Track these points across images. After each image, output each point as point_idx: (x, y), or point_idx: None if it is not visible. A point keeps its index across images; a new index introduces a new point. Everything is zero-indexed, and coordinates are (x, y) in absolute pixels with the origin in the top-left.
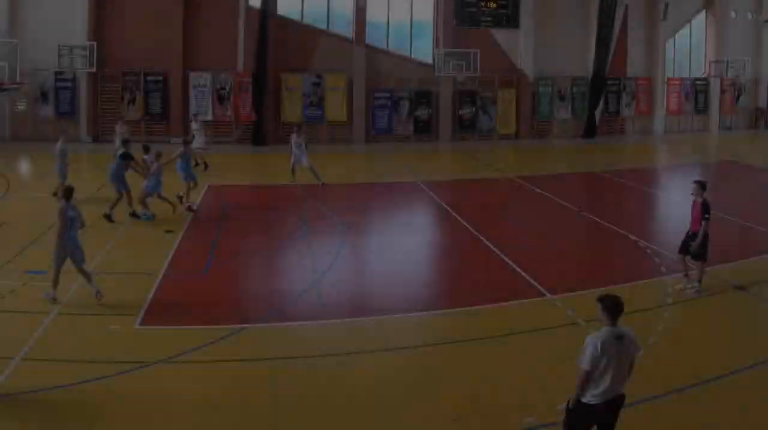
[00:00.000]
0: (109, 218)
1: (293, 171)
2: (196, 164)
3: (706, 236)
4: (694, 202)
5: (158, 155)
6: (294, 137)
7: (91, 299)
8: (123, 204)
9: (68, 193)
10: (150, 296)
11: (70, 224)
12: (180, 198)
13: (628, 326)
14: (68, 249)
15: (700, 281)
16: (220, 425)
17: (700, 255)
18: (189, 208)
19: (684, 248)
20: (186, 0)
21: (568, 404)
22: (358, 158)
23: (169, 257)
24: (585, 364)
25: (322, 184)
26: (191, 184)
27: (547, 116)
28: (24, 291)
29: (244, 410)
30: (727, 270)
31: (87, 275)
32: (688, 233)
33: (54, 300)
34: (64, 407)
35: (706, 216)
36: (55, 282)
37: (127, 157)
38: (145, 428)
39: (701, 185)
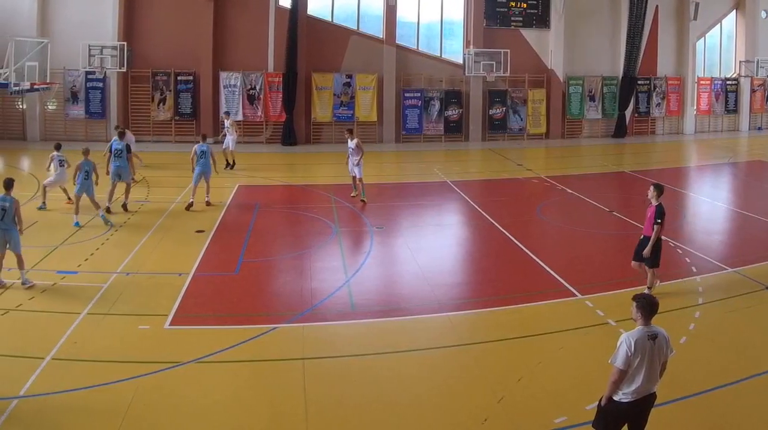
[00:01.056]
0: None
1: (355, 183)
2: (227, 165)
3: (658, 242)
4: (649, 205)
5: (87, 151)
6: (348, 142)
7: (122, 299)
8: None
9: (7, 184)
10: (180, 295)
11: (3, 214)
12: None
13: (660, 325)
14: (4, 237)
15: (650, 289)
16: (251, 426)
17: (652, 262)
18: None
19: (637, 256)
20: (216, 0)
21: (599, 403)
22: (388, 158)
23: (200, 257)
24: (619, 363)
25: (357, 196)
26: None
27: (577, 116)
28: (54, 291)
29: (274, 410)
30: (757, 270)
31: (22, 263)
32: (640, 238)
33: None
34: (93, 407)
35: (659, 221)
36: None
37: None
38: (175, 429)
39: (658, 188)
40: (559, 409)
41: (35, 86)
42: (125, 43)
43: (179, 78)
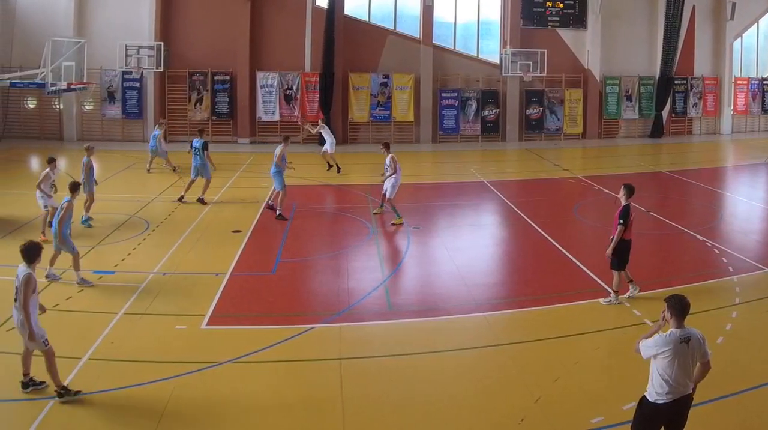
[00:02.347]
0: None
1: (382, 201)
2: (330, 167)
3: (621, 243)
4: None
5: (89, 149)
6: (387, 158)
7: (159, 299)
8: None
9: (71, 187)
10: (217, 296)
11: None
12: (270, 207)
13: (696, 325)
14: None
15: (616, 292)
16: (289, 425)
17: (613, 264)
18: (276, 212)
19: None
20: (253, 0)
21: (639, 402)
22: (425, 158)
23: (237, 257)
24: (643, 353)
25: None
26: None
27: (614, 116)
28: (91, 291)
29: (312, 410)
30: None
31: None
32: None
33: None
34: (130, 407)
35: (621, 221)
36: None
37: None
38: (212, 429)
39: (627, 188)
40: (595, 409)
41: (72, 86)
42: (162, 43)
43: (216, 78)
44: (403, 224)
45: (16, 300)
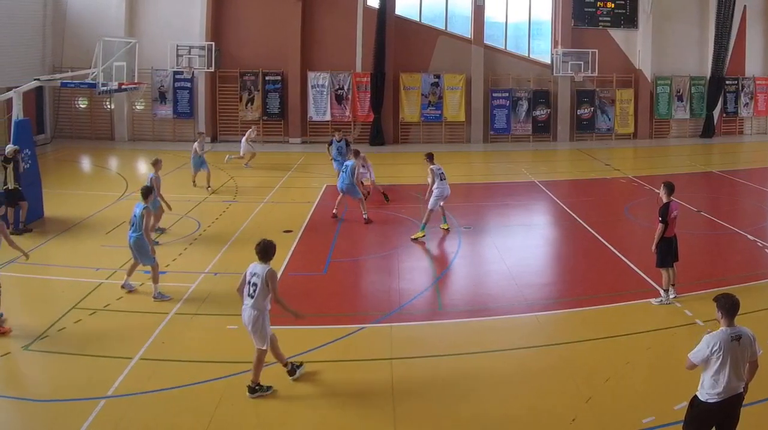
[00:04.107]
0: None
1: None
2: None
3: (663, 241)
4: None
5: (156, 163)
6: (433, 166)
7: (210, 299)
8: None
9: (144, 192)
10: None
11: (135, 220)
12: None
13: (747, 325)
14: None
15: (666, 291)
16: (339, 425)
17: (657, 262)
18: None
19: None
20: (304, 0)
21: (691, 402)
22: (476, 158)
23: (288, 257)
24: (695, 359)
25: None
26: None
27: (665, 116)
28: (142, 291)
29: (362, 410)
30: None
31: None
32: None
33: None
34: (181, 407)
35: (660, 219)
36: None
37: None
38: (264, 428)
39: (666, 186)
40: (647, 409)
41: (123, 86)
42: (213, 43)
43: (267, 78)
44: (448, 229)
45: (251, 296)
